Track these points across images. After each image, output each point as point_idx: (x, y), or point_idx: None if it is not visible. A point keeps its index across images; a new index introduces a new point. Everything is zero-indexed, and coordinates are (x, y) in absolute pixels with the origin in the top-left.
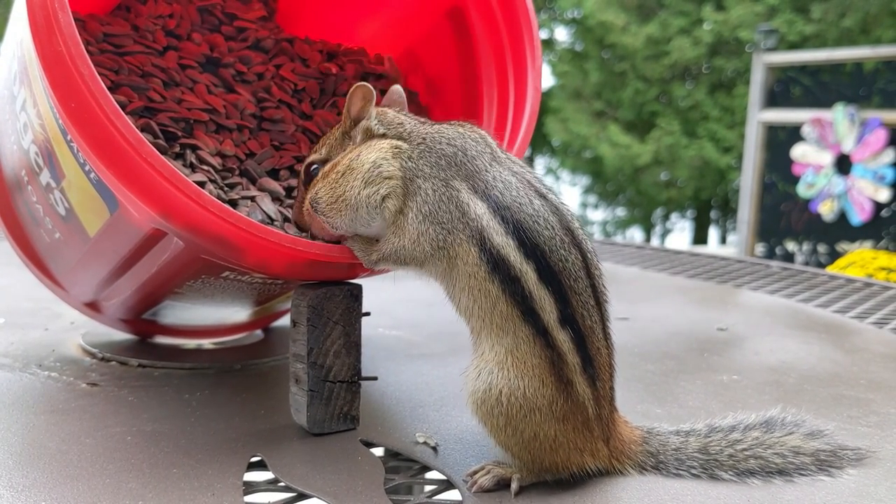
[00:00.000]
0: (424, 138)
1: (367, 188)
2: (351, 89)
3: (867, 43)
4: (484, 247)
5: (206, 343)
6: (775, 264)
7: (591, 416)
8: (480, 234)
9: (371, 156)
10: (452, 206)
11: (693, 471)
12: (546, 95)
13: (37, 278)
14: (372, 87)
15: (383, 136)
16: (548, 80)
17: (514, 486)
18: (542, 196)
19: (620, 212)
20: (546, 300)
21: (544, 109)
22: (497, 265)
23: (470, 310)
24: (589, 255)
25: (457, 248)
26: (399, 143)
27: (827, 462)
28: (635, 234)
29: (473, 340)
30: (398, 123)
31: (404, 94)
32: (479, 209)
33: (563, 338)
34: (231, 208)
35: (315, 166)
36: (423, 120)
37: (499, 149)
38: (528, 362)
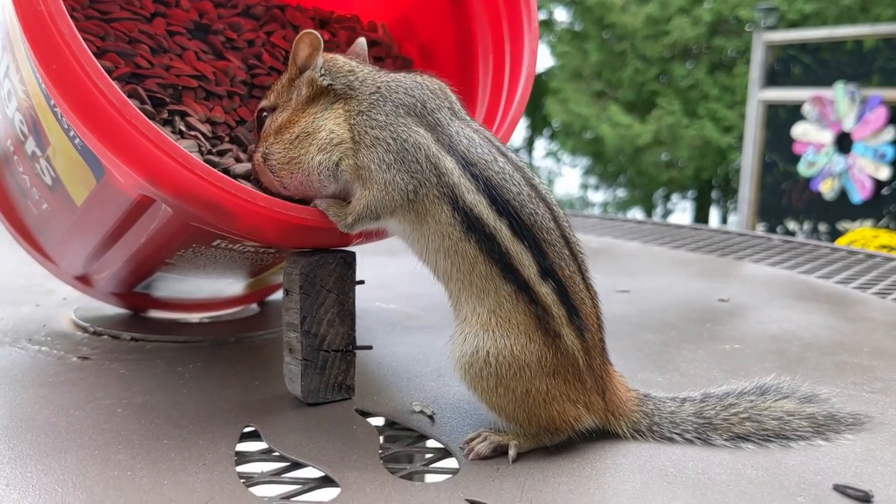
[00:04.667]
0: (379, 87)
1: (319, 155)
2: (297, 36)
3: (867, 21)
4: (457, 205)
5: (201, 317)
6: (777, 237)
7: (582, 368)
8: (452, 191)
9: (326, 123)
10: (421, 157)
11: (687, 434)
12: (546, 76)
13: (27, 252)
14: (319, 35)
15: (330, 87)
16: (547, 60)
17: (511, 452)
18: (503, 153)
19: (621, 193)
20: (523, 255)
21: (544, 90)
22: (472, 224)
23: (448, 273)
24: (555, 207)
25: (428, 204)
26: (351, 104)
27: (824, 426)
28: (636, 214)
29: (453, 306)
30: (348, 71)
31: (366, 46)
32: (448, 164)
33: (545, 291)
34: (220, 173)
35: (265, 113)
36: (378, 68)
37: (458, 103)
38: (513, 320)
